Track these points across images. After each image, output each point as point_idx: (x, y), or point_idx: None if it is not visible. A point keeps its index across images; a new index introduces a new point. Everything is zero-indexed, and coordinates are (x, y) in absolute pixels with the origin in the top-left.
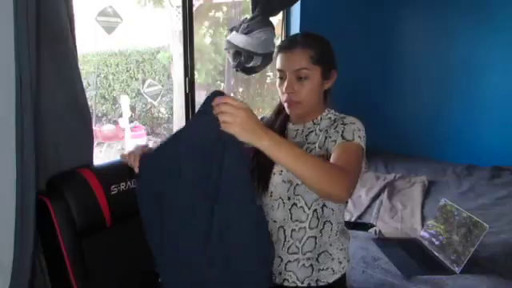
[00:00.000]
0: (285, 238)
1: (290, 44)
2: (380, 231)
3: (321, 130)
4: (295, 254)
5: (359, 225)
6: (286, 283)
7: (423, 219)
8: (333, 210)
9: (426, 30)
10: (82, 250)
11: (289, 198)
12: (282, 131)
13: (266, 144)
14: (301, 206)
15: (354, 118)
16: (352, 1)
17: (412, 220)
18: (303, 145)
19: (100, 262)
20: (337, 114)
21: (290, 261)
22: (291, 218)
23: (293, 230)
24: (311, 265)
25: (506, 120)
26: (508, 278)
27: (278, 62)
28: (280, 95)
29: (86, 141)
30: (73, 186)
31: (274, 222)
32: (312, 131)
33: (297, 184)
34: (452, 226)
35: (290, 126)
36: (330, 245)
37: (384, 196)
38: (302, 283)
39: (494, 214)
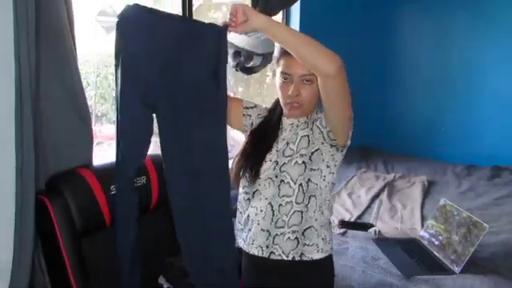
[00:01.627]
0: (273, 213)
1: None
2: (380, 231)
3: (311, 122)
4: (282, 227)
5: (359, 225)
6: (272, 256)
7: (423, 219)
8: (317, 184)
9: (425, 30)
10: (82, 249)
11: (276, 176)
12: (277, 125)
13: (266, 24)
14: (287, 182)
15: None
16: (351, 1)
17: (412, 220)
18: (296, 137)
19: (100, 262)
20: None
21: (277, 234)
22: (279, 194)
23: (280, 205)
24: (296, 238)
25: (506, 120)
26: (508, 278)
27: (283, 65)
28: (282, 97)
29: (86, 141)
30: (72, 186)
31: (266, 199)
32: (304, 126)
33: (283, 163)
34: (452, 226)
35: (285, 119)
36: (316, 220)
37: (384, 196)
38: (287, 256)
39: (494, 213)
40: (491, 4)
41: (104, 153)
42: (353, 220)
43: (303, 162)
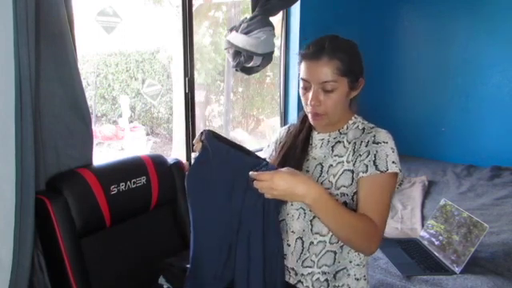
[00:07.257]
0: (302, 251)
1: (316, 52)
2: None
3: (349, 142)
4: (309, 267)
5: None
6: (299, 285)
7: (423, 219)
8: None
9: (425, 30)
10: (82, 249)
11: (310, 210)
12: (306, 141)
13: (307, 203)
14: None
15: (385, 133)
16: (351, 1)
17: (412, 220)
18: (328, 156)
19: (99, 262)
20: (365, 122)
21: (303, 274)
22: (311, 230)
23: (311, 243)
24: (326, 279)
25: (505, 120)
26: (508, 278)
27: (302, 70)
28: (304, 105)
29: (86, 141)
30: (72, 186)
31: (292, 232)
32: (339, 141)
33: None
34: (452, 226)
35: (315, 134)
36: (350, 261)
37: None
38: None
39: (494, 214)
40: (491, 4)
41: (104, 153)
42: None
43: (344, 203)
